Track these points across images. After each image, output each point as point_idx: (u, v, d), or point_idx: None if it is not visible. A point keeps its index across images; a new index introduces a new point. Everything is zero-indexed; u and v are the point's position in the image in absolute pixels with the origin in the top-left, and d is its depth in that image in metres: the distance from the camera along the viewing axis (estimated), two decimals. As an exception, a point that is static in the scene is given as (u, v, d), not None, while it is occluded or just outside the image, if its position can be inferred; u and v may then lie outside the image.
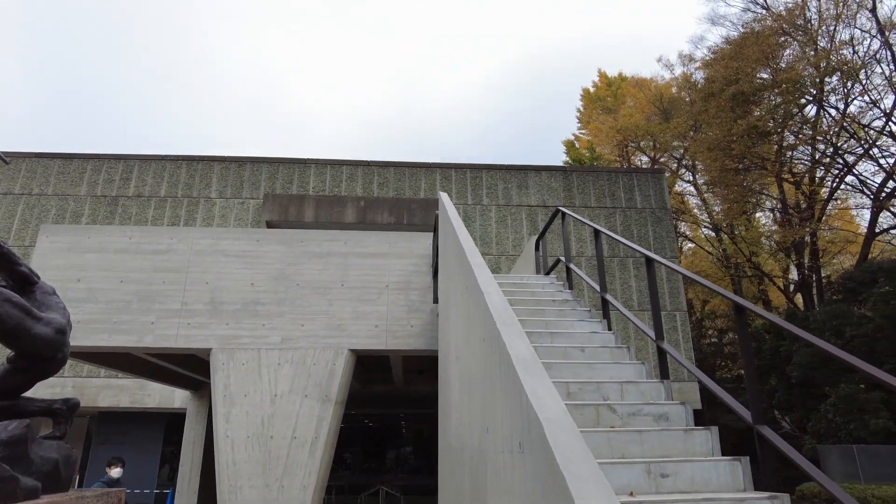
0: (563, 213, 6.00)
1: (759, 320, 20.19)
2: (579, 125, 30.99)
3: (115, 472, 7.21)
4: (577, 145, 30.47)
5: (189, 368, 9.92)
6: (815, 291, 19.28)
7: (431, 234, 7.80)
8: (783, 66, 16.15)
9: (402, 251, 7.62)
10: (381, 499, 11.49)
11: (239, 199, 16.26)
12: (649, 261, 3.93)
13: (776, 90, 14.60)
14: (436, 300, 7.13)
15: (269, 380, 6.83)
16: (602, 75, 30.46)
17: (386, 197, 16.67)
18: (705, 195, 23.63)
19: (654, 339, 3.77)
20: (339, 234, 7.70)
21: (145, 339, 6.99)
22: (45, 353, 3.46)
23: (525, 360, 1.80)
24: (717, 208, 22.97)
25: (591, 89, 30.59)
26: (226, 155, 16.74)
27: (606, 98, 29.05)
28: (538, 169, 17.46)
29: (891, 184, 16.74)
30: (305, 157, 16.90)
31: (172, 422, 17.39)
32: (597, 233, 4.96)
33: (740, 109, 14.96)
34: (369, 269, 7.51)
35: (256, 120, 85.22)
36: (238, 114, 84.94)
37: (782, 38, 16.71)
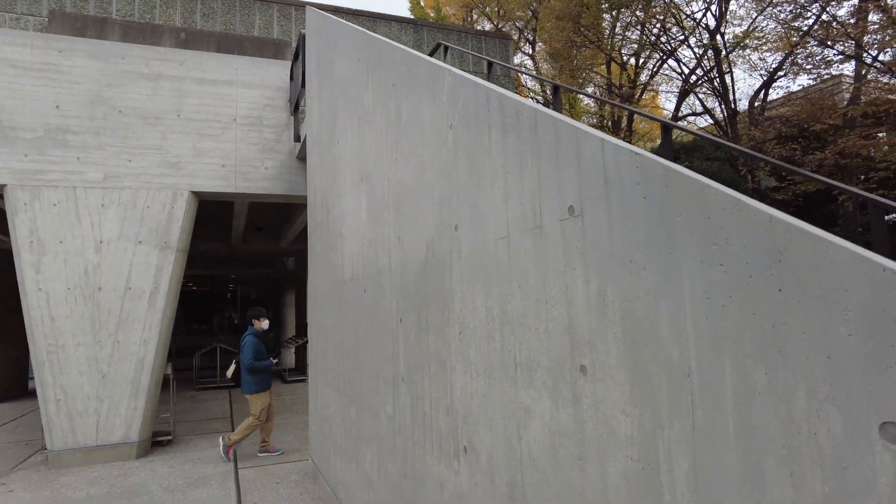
0: (446, 48, 5.52)
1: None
2: (425, -19, 29.18)
3: (265, 324, 6.05)
4: (422, 3, 28.90)
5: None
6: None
7: (286, 62, 6.81)
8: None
9: (252, 80, 6.57)
10: (218, 357, 11.02)
11: (13, 15, 12.72)
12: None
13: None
14: (297, 138, 6.38)
15: (92, 224, 5.71)
16: (451, -73, 28.45)
17: (212, 31, 14.29)
18: (542, 68, 24.30)
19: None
20: (172, 52, 6.35)
21: None
22: None
23: (539, 109, 1.48)
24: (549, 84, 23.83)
25: (440, -58, 28.57)
26: (-15, -51, 12.73)
27: (455, -45, 27.43)
28: (388, 19, 16.16)
29: (699, 71, 18.66)
30: (103, -33, 13.56)
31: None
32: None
33: (592, -22, 15.07)
34: (211, 98, 6.39)
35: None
36: None
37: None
